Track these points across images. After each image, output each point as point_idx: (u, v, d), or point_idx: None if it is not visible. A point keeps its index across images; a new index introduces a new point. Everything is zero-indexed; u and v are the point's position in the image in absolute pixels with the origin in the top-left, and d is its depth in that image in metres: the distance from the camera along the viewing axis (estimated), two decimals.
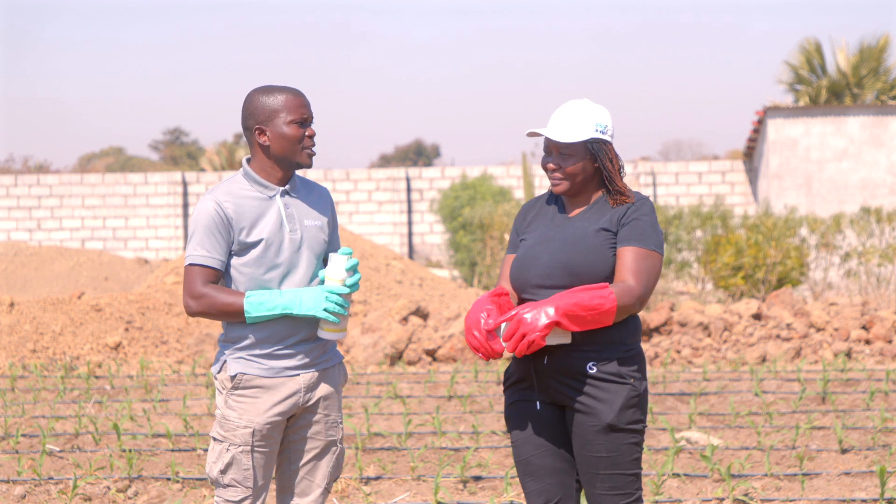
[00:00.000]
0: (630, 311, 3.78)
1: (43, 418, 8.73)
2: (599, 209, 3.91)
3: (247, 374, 3.94)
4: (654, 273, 3.83)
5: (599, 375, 3.81)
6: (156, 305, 13.53)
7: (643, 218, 3.86)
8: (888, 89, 23.70)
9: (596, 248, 3.83)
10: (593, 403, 3.80)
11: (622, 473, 3.83)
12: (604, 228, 3.86)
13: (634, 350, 3.88)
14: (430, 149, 52.33)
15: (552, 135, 3.88)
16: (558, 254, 3.86)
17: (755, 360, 11.41)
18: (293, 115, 3.92)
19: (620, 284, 3.77)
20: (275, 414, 3.94)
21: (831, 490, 6.45)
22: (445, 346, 11.70)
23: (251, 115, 3.95)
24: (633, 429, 3.83)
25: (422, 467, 7.03)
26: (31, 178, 27.33)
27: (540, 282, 3.87)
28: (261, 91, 3.95)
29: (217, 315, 3.89)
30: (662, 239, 3.89)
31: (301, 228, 3.96)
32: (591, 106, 3.91)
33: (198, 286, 3.90)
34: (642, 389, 3.85)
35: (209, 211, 3.90)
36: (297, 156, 3.95)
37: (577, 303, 3.70)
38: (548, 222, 3.97)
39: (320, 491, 4.06)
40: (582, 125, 3.87)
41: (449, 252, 24.17)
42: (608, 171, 3.90)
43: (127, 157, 51.27)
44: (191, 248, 3.92)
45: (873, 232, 17.75)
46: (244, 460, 3.94)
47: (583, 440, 3.83)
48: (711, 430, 7.94)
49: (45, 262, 21.77)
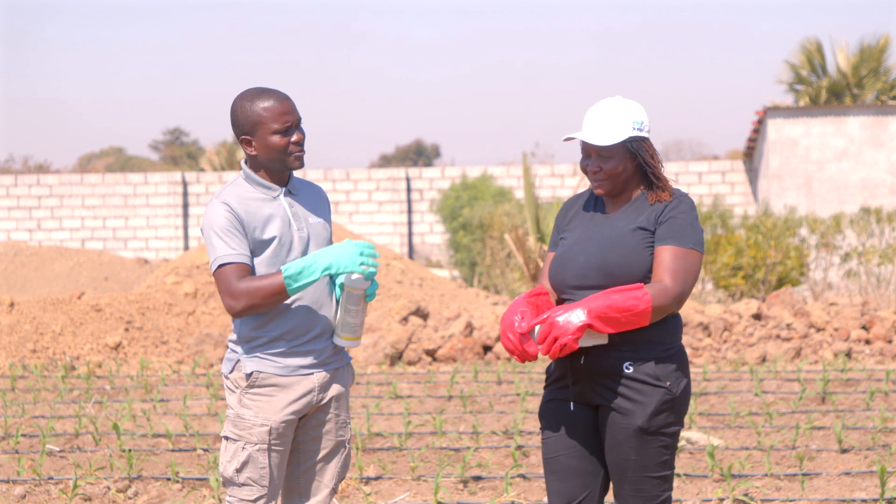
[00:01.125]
0: (667, 312, 3.74)
1: (43, 418, 8.73)
2: (638, 207, 3.87)
3: (263, 372, 3.94)
4: (692, 272, 3.77)
5: (635, 376, 3.77)
6: (156, 305, 13.53)
7: (681, 216, 3.81)
8: (888, 89, 23.70)
9: (633, 248, 3.80)
10: (626, 405, 3.78)
11: (649, 476, 3.81)
12: (641, 227, 3.82)
13: (673, 349, 3.83)
14: (431, 149, 52.32)
15: (590, 139, 3.83)
16: (594, 254, 3.83)
17: (755, 360, 11.41)
18: (276, 125, 3.90)
19: (656, 285, 3.73)
20: (290, 412, 3.95)
21: (831, 490, 6.45)
22: (445, 346, 11.70)
23: (236, 125, 3.96)
24: (665, 432, 3.80)
25: (422, 467, 7.03)
26: (31, 178, 27.33)
27: (576, 282, 3.85)
28: (244, 98, 3.94)
29: (262, 303, 3.84)
30: (702, 237, 3.83)
31: (307, 226, 4.00)
32: (626, 104, 3.86)
33: (234, 284, 3.86)
34: (678, 391, 3.80)
35: (222, 213, 3.91)
36: (284, 163, 3.95)
37: (611, 305, 3.67)
38: (587, 221, 3.94)
39: (328, 491, 4.07)
40: (619, 125, 3.83)
41: (449, 252, 24.17)
42: (651, 166, 3.86)
43: (127, 157, 51.25)
44: (217, 251, 3.88)
45: (873, 232, 17.75)
46: (261, 459, 3.95)
47: (613, 441, 3.82)
48: (711, 430, 7.94)
49: (45, 262, 21.76)
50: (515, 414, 8.48)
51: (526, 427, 8.11)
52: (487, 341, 11.71)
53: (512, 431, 7.85)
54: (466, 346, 11.66)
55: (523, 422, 8.18)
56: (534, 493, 6.51)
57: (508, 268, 18.84)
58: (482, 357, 11.66)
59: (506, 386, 10.03)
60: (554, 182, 26.19)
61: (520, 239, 16.27)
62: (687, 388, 3.84)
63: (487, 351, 11.75)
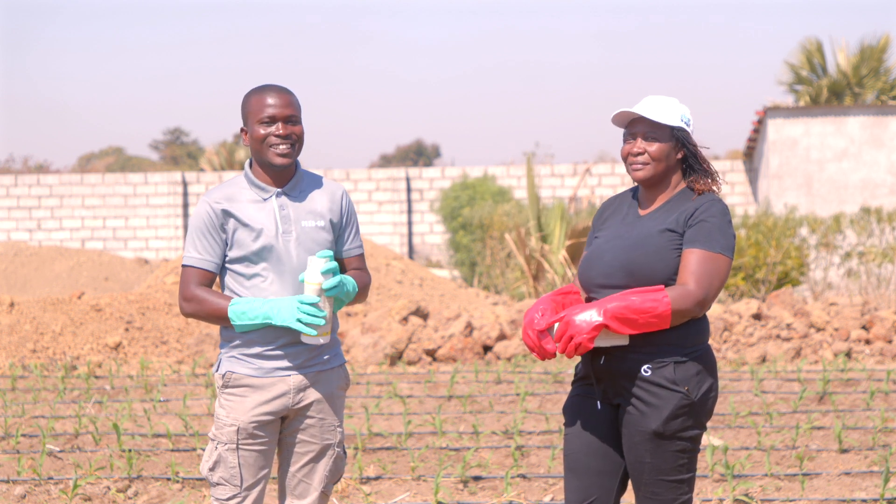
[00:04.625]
0: (688, 316, 3.71)
1: (43, 418, 8.73)
2: (670, 209, 3.85)
3: (236, 372, 3.96)
4: (718, 276, 3.74)
5: (653, 379, 3.75)
6: (156, 305, 13.52)
7: (711, 219, 3.78)
8: (888, 89, 23.70)
9: (658, 250, 3.78)
10: (643, 408, 3.76)
11: (665, 480, 3.79)
12: (669, 229, 3.79)
13: (696, 353, 3.79)
14: (431, 149, 52.31)
15: (645, 112, 3.84)
16: (620, 254, 3.81)
17: (755, 360, 11.41)
18: (260, 115, 3.91)
19: (678, 288, 3.70)
20: (261, 413, 3.94)
21: (831, 490, 6.45)
22: (445, 346, 11.70)
23: (241, 117, 3.99)
24: (682, 436, 3.77)
25: (422, 467, 7.02)
26: (32, 178, 27.32)
27: (602, 281, 3.83)
28: (251, 90, 3.98)
29: (206, 318, 3.92)
30: (733, 242, 3.79)
31: (297, 229, 3.96)
32: (678, 102, 3.92)
33: (190, 288, 3.93)
34: (697, 396, 3.76)
35: (202, 213, 3.94)
36: (265, 155, 3.93)
37: (628, 306, 3.65)
38: (620, 220, 3.93)
39: (317, 494, 4.05)
40: (671, 112, 3.86)
41: (449, 252, 24.16)
42: (694, 154, 3.87)
43: (127, 157, 51.24)
44: (186, 252, 3.96)
45: (873, 232, 17.74)
46: (231, 458, 3.95)
47: (630, 443, 3.81)
48: (712, 430, 7.94)
49: (45, 263, 21.76)
50: (515, 414, 8.48)
51: (526, 427, 8.10)
52: (487, 341, 11.70)
53: (512, 431, 7.84)
54: (466, 346, 11.66)
55: (523, 422, 8.18)
56: (534, 493, 6.51)
57: (508, 268, 18.83)
58: (482, 357, 11.65)
59: (506, 386, 10.03)
60: (554, 182, 26.19)
61: (520, 239, 16.26)
62: (710, 393, 3.79)
63: (487, 351, 11.75)
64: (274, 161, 3.93)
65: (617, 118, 3.91)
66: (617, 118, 3.91)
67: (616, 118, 3.91)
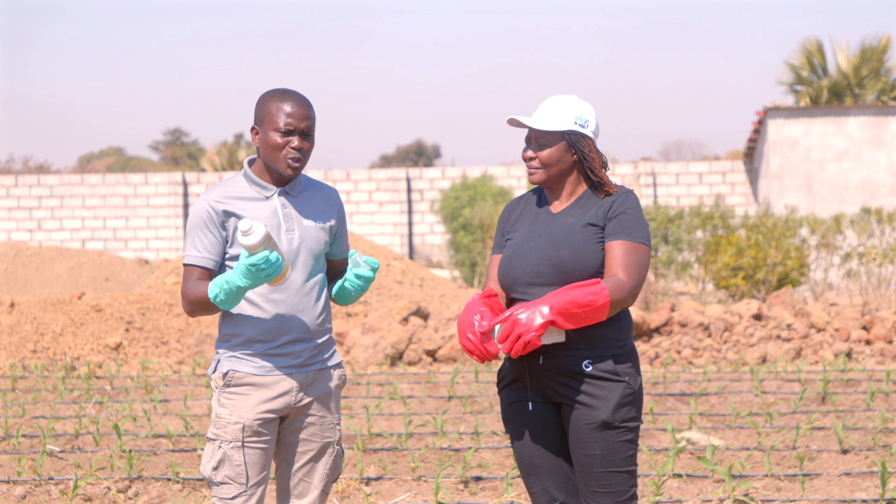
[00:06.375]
0: (623, 306, 3.79)
1: (43, 419, 8.73)
2: (584, 205, 3.90)
3: (238, 371, 3.96)
4: (643, 266, 3.83)
5: (595, 373, 3.81)
6: (156, 306, 13.53)
7: (629, 211, 3.86)
8: (889, 90, 23.71)
9: (584, 244, 3.83)
10: (589, 401, 3.81)
11: (616, 471, 3.84)
12: (591, 223, 3.86)
13: (628, 346, 3.88)
14: (431, 149, 52.32)
15: (529, 121, 3.90)
16: (547, 251, 3.86)
17: (755, 361, 11.41)
18: (279, 124, 3.91)
19: (612, 279, 3.77)
20: (265, 410, 3.95)
21: (832, 490, 6.45)
22: (446, 346, 11.71)
23: (255, 114, 4.00)
24: (628, 426, 3.84)
25: (422, 468, 7.03)
26: (32, 179, 27.33)
27: (530, 280, 3.87)
28: (271, 92, 3.98)
29: (200, 309, 3.92)
30: (649, 232, 3.89)
31: (300, 228, 3.98)
32: (575, 100, 3.92)
33: (186, 285, 3.95)
34: (637, 386, 3.86)
35: (200, 211, 3.95)
36: (277, 163, 3.94)
37: (571, 300, 3.69)
38: (532, 220, 3.96)
39: (318, 493, 4.06)
40: (561, 116, 3.88)
41: (449, 252, 24.16)
42: (588, 160, 3.89)
43: (127, 158, 51.26)
44: (186, 250, 3.97)
45: (873, 232, 17.74)
46: (236, 456, 3.95)
47: (577, 438, 3.84)
48: (712, 430, 7.94)
49: (46, 263, 21.77)
50: None
51: None
52: None
53: None
54: None
55: None
56: None
57: None
58: None
59: None
60: None
61: None
62: (641, 387, 3.90)
63: None
64: (284, 171, 3.95)
65: (511, 124, 3.96)
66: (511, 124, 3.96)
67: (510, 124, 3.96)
